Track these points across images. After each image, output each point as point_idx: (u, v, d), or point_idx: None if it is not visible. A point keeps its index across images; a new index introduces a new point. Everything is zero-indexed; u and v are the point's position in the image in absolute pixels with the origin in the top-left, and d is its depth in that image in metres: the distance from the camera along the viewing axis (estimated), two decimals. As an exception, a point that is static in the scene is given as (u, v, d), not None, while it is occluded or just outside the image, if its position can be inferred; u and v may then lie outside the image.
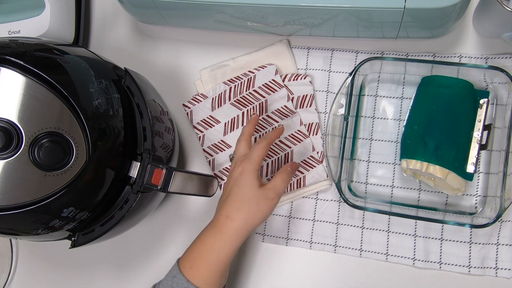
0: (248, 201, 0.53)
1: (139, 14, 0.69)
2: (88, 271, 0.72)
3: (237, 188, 0.54)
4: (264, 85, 0.68)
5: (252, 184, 0.54)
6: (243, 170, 0.55)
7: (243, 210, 0.53)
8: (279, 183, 0.55)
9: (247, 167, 0.55)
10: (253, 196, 0.53)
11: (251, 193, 0.53)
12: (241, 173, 0.55)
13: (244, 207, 0.53)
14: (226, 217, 0.53)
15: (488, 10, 0.59)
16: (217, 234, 0.53)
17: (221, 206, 0.55)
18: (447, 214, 0.62)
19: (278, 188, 0.55)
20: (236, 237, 0.53)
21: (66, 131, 0.47)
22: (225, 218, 0.53)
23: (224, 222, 0.53)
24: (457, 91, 0.61)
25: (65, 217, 0.49)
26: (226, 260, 0.53)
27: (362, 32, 0.63)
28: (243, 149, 0.58)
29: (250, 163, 0.55)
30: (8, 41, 0.51)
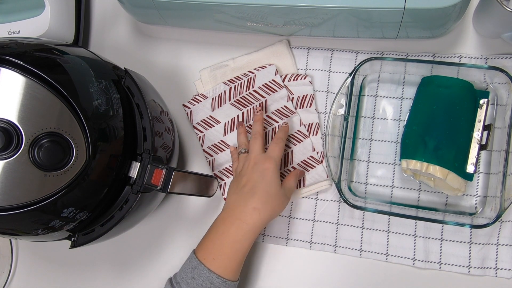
0: (274, 196, 0.58)
1: (139, 14, 0.69)
2: (88, 271, 0.72)
3: (264, 183, 0.58)
4: (264, 85, 0.68)
5: (278, 182, 0.59)
6: (268, 167, 0.58)
7: (270, 204, 0.57)
8: (293, 184, 0.62)
9: (273, 165, 0.59)
10: (278, 193, 0.58)
11: (277, 190, 0.58)
12: (267, 170, 0.58)
13: (270, 201, 0.58)
14: (254, 209, 0.56)
15: (488, 10, 0.59)
16: (242, 225, 0.56)
17: (245, 198, 0.57)
18: (447, 214, 0.62)
19: (293, 188, 0.62)
20: (260, 228, 0.57)
21: (66, 131, 0.47)
22: (252, 210, 0.56)
23: (252, 214, 0.56)
24: (457, 91, 0.61)
25: (65, 217, 0.49)
26: (248, 250, 0.57)
27: (362, 32, 0.63)
28: (259, 146, 0.62)
29: (275, 162, 0.59)
30: (8, 41, 0.51)
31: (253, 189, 0.58)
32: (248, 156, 0.62)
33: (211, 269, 0.54)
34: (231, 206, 0.59)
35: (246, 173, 0.60)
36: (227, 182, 0.69)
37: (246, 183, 0.59)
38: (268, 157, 0.60)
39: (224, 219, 0.58)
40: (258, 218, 0.57)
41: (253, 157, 0.61)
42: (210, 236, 0.58)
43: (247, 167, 0.60)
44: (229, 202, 0.59)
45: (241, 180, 0.59)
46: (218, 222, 0.58)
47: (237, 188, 0.59)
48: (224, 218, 0.58)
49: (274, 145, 0.61)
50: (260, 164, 0.59)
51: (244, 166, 0.61)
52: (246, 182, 0.59)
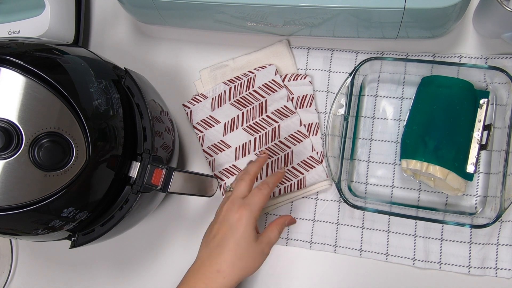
0: (243, 257, 0.50)
1: (139, 14, 0.69)
2: (88, 271, 0.72)
3: (232, 239, 0.50)
4: (264, 85, 0.68)
5: (250, 238, 0.50)
6: (241, 218, 0.51)
7: (238, 266, 0.50)
8: (274, 236, 0.53)
9: (247, 215, 0.51)
10: (250, 252, 0.50)
11: (248, 249, 0.50)
12: (239, 221, 0.51)
13: (239, 263, 0.50)
14: (218, 272, 0.49)
15: (488, 10, 0.59)
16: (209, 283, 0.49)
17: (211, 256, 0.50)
18: (447, 214, 0.62)
19: (273, 242, 0.53)
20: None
21: (66, 131, 0.47)
22: (216, 274, 0.49)
23: (215, 278, 0.49)
24: (457, 91, 0.61)
25: (65, 217, 0.49)
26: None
27: (362, 32, 0.63)
28: (244, 189, 0.54)
29: (250, 212, 0.51)
30: (8, 41, 0.51)
31: (220, 245, 0.50)
32: (229, 198, 0.54)
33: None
34: (198, 261, 0.52)
35: (218, 220, 0.53)
36: (227, 182, 0.69)
37: (216, 234, 0.52)
38: (244, 204, 0.52)
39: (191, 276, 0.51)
40: (222, 282, 0.49)
41: (232, 199, 0.53)
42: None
43: (220, 212, 0.53)
44: (199, 255, 0.53)
45: (213, 229, 0.53)
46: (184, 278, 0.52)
47: (208, 239, 0.52)
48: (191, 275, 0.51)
49: (257, 190, 0.53)
50: (233, 213, 0.51)
51: (220, 210, 0.54)
52: (216, 233, 0.52)
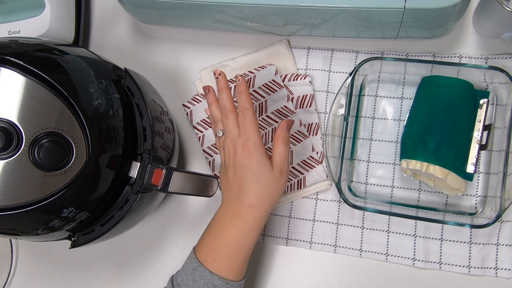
0: (267, 185, 0.52)
1: (139, 14, 0.69)
2: (88, 271, 0.72)
3: (250, 175, 0.52)
4: (264, 85, 0.68)
5: (266, 168, 0.52)
6: (250, 154, 0.52)
7: (265, 196, 0.52)
8: (283, 151, 0.54)
9: (253, 149, 0.52)
10: (270, 179, 0.52)
11: (267, 178, 0.52)
12: (249, 158, 0.52)
13: (265, 192, 0.52)
14: (250, 207, 0.52)
15: (488, 10, 0.59)
16: (242, 224, 0.52)
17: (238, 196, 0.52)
18: (447, 214, 0.62)
19: (285, 157, 0.54)
20: (261, 223, 0.53)
21: (66, 131, 0.47)
22: (248, 209, 0.52)
23: (249, 212, 0.52)
24: (457, 91, 0.61)
25: (65, 217, 0.49)
26: (251, 247, 0.53)
27: (362, 32, 0.63)
28: (234, 125, 0.53)
29: (254, 144, 0.52)
30: (8, 41, 0.51)
31: (242, 185, 0.52)
32: (225, 142, 0.54)
33: (212, 271, 0.51)
34: (227, 203, 0.54)
35: (230, 166, 0.54)
36: None
37: (234, 178, 0.53)
38: (245, 141, 0.52)
39: (222, 218, 0.54)
40: (256, 214, 0.52)
41: (231, 146, 0.53)
42: (209, 236, 0.54)
43: (228, 158, 0.54)
44: (225, 199, 0.55)
45: (228, 175, 0.54)
46: (217, 220, 0.55)
47: (228, 185, 0.54)
48: (222, 216, 0.54)
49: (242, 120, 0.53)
50: (240, 154, 0.52)
51: (224, 156, 0.55)
52: (233, 177, 0.53)
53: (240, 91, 0.54)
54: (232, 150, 0.53)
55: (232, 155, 0.53)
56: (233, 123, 0.54)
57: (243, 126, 0.53)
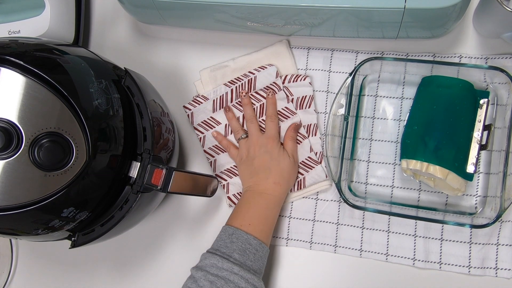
0: (287, 169, 0.65)
1: (139, 14, 0.69)
2: (88, 271, 0.72)
3: (275, 162, 0.64)
4: (266, 88, 0.68)
5: (285, 155, 0.65)
6: (273, 147, 0.65)
7: (286, 176, 0.64)
8: (292, 146, 0.67)
9: (275, 144, 0.65)
10: (288, 165, 0.65)
11: (286, 163, 0.65)
12: (273, 149, 0.65)
13: (286, 175, 0.64)
14: (275, 183, 0.63)
15: (488, 10, 0.59)
16: (269, 197, 0.63)
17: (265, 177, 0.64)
18: (447, 214, 0.62)
19: (295, 150, 0.67)
20: (283, 197, 0.65)
21: (66, 131, 0.47)
22: (274, 185, 0.63)
23: (275, 188, 0.63)
24: (457, 91, 0.61)
25: (65, 217, 0.49)
26: (276, 217, 0.64)
27: (362, 32, 0.63)
28: (256, 129, 0.67)
29: (276, 141, 0.65)
30: (8, 41, 0.51)
31: (268, 169, 0.64)
32: (250, 140, 0.66)
33: (248, 232, 0.59)
34: (253, 186, 0.64)
35: (255, 156, 0.65)
36: (230, 182, 0.69)
37: (260, 165, 0.64)
38: (269, 137, 0.65)
39: (252, 195, 0.64)
40: (280, 189, 0.64)
41: (255, 141, 0.66)
42: (242, 209, 0.63)
43: (253, 151, 0.65)
44: (250, 184, 0.65)
45: (253, 163, 0.65)
46: (247, 198, 0.64)
47: (253, 171, 0.65)
48: (251, 195, 0.64)
49: (270, 123, 0.66)
50: (265, 146, 0.65)
51: (249, 150, 0.66)
52: (259, 164, 0.64)
53: (270, 103, 0.68)
54: (258, 144, 0.65)
55: (257, 147, 0.65)
56: (257, 127, 0.67)
57: (269, 127, 0.66)
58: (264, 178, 0.64)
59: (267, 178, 0.64)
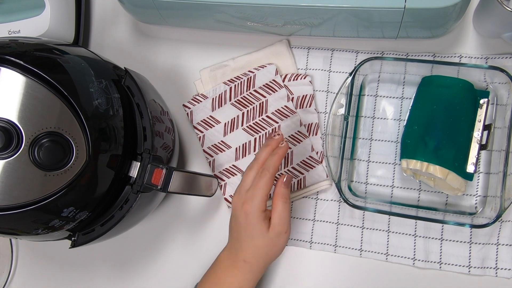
0: (260, 247, 0.52)
1: (139, 14, 0.69)
2: (88, 271, 0.72)
3: (245, 235, 0.52)
4: (265, 86, 0.68)
5: (260, 232, 0.51)
6: (246, 214, 0.51)
7: (258, 255, 0.52)
8: (282, 211, 0.52)
9: (251, 211, 0.51)
10: (265, 241, 0.52)
11: (262, 240, 0.52)
12: (246, 217, 0.51)
13: (258, 253, 0.52)
14: (244, 262, 0.52)
15: (488, 10, 0.59)
16: (238, 275, 0.53)
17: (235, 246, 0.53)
18: (447, 214, 0.62)
19: (285, 217, 0.52)
20: (256, 276, 0.54)
21: (66, 131, 0.47)
22: (243, 263, 0.53)
23: (243, 267, 0.53)
24: (457, 91, 0.61)
25: (65, 217, 0.49)
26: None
27: (362, 32, 0.63)
28: (250, 180, 0.53)
29: (253, 207, 0.51)
30: (8, 41, 0.51)
31: (239, 239, 0.52)
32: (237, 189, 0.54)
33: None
34: (228, 248, 0.55)
35: (232, 215, 0.54)
36: (227, 182, 0.69)
37: (232, 229, 0.54)
38: (247, 199, 0.51)
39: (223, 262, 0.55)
40: (251, 269, 0.53)
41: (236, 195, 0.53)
42: (208, 280, 0.55)
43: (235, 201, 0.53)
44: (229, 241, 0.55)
45: (231, 222, 0.55)
46: (218, 264, 0.55)
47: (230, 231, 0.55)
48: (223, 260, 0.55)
49: (258, 179, 0.52)
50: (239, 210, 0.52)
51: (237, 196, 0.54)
52: (232, 228, 0.54)
53: (275, 153, 0.52)
54: (235, 201, 0.53)
55: (234, 206, 0.53)
56: (251, 177, 0.53)
57: (255, 183, 0.51)
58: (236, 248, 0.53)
59: (237, 252, 0.53)
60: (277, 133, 0.54)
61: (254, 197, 0.51)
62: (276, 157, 0.52)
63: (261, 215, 0.51)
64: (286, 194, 0.52)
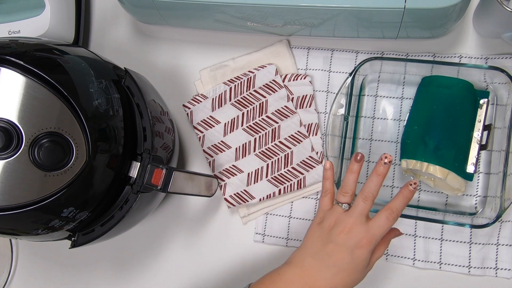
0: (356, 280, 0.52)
1: (139, 14, 0.69)
2: (88, 271, 0.72)
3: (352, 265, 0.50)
4: (265, 86, 0.68)
5: (365, 265, 0.51)
6: (362, 248, 0.50)
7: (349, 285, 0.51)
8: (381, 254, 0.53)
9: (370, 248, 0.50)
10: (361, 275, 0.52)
11: (361, 273, 0.52)
12: (361, 250, 0.50)
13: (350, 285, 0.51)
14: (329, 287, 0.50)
15: (488, 10, 0.59)
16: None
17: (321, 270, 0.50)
18: (447, 214, 0.62)
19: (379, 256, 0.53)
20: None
21: (66, 131, 0.47)
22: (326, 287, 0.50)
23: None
24: (457, 91, 0.61)
25: (65, 217, 0.49)
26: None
27: (362, 32, 0.63)
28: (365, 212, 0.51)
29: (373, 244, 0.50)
30: (8, 41, 0.51)
31: (336, 266, 0.50)
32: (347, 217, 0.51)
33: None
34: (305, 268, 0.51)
35: (334, 241, 0.51)
36: (227, 182, 0.68)
37: (331, 254, 0.50)
38: (369, 233, 0.50)
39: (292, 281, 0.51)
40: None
41: (351, 225, 0.50)
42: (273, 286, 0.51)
43: (338, 233, 0.50)
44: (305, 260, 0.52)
45: (327, 247, 0.51)
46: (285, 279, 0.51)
47: (319, 254, 0.51)
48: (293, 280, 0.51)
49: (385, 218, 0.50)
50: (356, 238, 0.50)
51: (337, 228, 0.51)
52: (331, 252, 0.50)
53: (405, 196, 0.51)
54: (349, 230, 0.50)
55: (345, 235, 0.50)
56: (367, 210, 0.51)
57: (379, 220, 0.50)
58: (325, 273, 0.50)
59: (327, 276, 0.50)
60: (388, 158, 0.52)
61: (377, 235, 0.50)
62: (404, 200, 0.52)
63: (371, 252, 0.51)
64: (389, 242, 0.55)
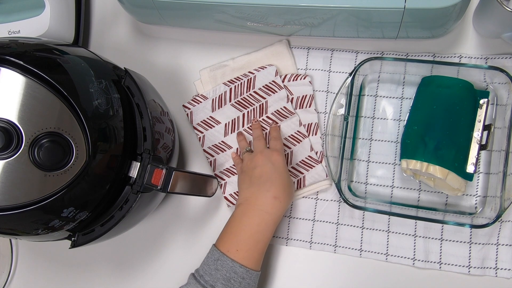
0: (288, 185, 0.61)
1: (139, 14, 0.69)
2: (88, 271, 0.72)
3: (278, 173, 0.60)
4: (265, 87, 0.68)
5: (287, 171, 0.62)
6: (277, 158, 0.61)
7: (287, 192, 0.60)
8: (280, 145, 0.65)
9: (281, 158, 0.62)
10: (290, 181, 0.61)
11: (289, 179, 0.61)
12: (277, 160, 0.61)
13: (287, 190, 0.60)
14: (275, 198, 0.59)
15: (488, 10, 0.59)
16: (265, 216, 0.58)
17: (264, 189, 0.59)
18: (447, 214, 0.62)
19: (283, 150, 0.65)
20: (281, 216, 0.60)
21: (66, 131, 0.47)
22: (273, 199, 0.58)
23: (273, 203, 0.58)
24: (457, 91, 0.61)
25: (65, 217, 0.49)
26: (269, 239, 0.59)
27: (362, 32, 0.63)
28: (263, 145, 0.64)
29: (282, 155, 0.62)
30: (8, 41, 0.51)
31: (269, 179, 0.60)
32: (254, 152, 0.64)
33: (234, 259, 0.55)
34: (250, 199, 0.60)
35: (257, 165, 0.61)
36: (228, 181, 0.69)
37: (261, 175, 0.60)
38: (274, 150, 0.63)
39: (245, 212, 0.59)
40: (279, 206, 0.59)
41: (260, 152, 0.63)
42: (232, 229, 0.59)
43: (256, 160, 0.62)
44: (247, 195, 0.60)
45: (254, 173, 0.61)
46: (238, 215, 0.59)
47: (251, 181, 0.61)
48: (245, 210, 0.59)
49: (274, 141, 0.65)
50: (270, 156, 0.61)
51: (252, 160, 0.62)
52: (260, 174, 0.60)
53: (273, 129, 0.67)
54: (262, 154, 0.62)
55: (261, 157, 0.62)
56: (263, 144, 0.65)
57: (273, 144, 0.65)
58: (264, 190, 0.59)
59: (268, 190, 0.59)
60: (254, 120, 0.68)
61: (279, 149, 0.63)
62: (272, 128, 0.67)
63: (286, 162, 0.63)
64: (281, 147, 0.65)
